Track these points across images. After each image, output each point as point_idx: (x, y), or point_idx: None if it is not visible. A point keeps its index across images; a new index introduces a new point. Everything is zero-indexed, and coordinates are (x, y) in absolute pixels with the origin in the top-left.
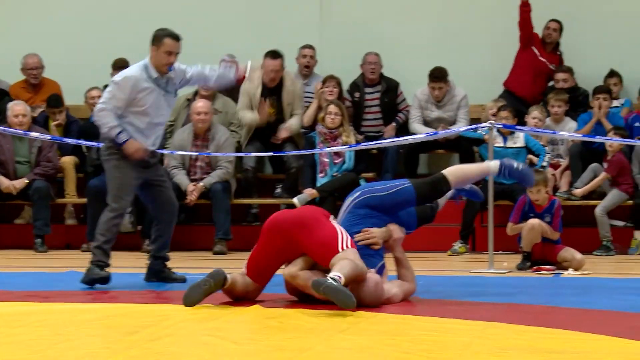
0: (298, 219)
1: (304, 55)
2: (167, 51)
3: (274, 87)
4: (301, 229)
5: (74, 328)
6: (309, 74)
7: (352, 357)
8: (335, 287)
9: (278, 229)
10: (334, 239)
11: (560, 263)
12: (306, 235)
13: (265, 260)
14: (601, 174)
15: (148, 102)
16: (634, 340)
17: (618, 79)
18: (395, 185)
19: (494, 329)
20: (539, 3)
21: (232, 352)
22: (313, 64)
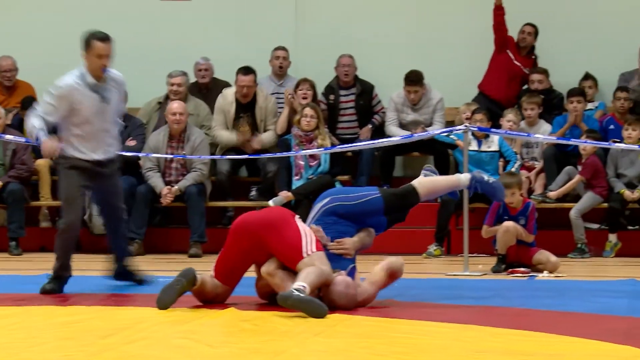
0: (265, 220)
1: (277, 56)
2: (98, 55)
3: (247, 103)
4: (268, 231)
5: (49, 331)
6: (283, 74)
7: (327, 359)
8: (303, 299)
9: (245, 230)
10: (299, 242)
11: (535, 266)
12: (273, 237)
13: (232, 262)
14: (575, 176)
15: (87, 111)
16: (608, 342)
17: (593, 82)
18: (364, 195)
19: (469, 331)
20: (513, 7)
21: (206, 355)
22: (287, 65)
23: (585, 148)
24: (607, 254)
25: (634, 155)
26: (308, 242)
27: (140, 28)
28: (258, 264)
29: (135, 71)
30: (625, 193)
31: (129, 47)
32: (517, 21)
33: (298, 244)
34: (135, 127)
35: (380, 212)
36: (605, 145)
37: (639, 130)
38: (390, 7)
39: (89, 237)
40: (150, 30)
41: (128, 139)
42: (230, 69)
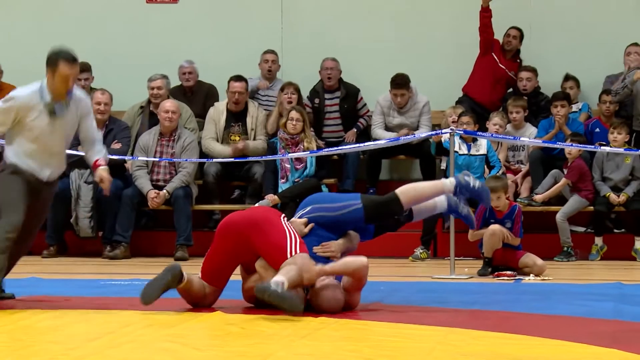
0: (250, 220)
1: (266, 60)
2: (63, 76)
3: (238, 112)
4: (253, 230)
5: (34, 334)
6: (272, 78)
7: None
8: (280, 294)
9: (230, 229)
10: (284, 242)
11: (521, 269)
12: (258, 237)
13: (218, 262)
14: (561, 180)
15: (38, 129)
16: (594, 345)
17: (574, 83)
18: (346, 205)
19: (455, 334)
20: (499, 10)
21: (193, 358)
22: (276, 68)
23: (571, 152)
24: (593, 257)
25: (620, 159)
26: (293, 243)
27: (126, 32)
28: (244, 265)
29: (120, 75)
30: (611, 197)
31: (115, 51)
32: (503, 23)
33: (283, 245)
34: (121, 129)
35: (360, 221)
36: (591, 148)
37: (624, 133)
38: (375, 11)
39: (75, 240)
40: (136, 35)
41: (113, 142)
42: (216, 73)
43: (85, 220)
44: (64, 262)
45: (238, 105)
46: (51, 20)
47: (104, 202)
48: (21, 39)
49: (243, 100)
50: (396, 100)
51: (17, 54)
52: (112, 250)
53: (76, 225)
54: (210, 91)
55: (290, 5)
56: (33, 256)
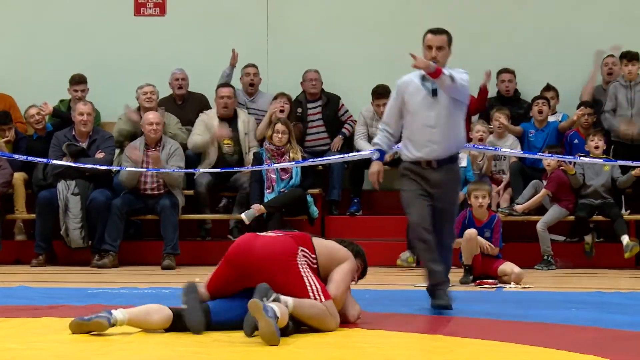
0: (265, 268)
1: (247, 73)
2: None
3: (229, 119)
4: (268, 277)
5: (23, 342)
6: (254, 91)
7: None
8: (267, 320)
9: (243, 268)
10: (305, 293)
11: (500, 277)
12: (275, 285)
13: (225, 285)
14: (542, 190)
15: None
16: (575, 352)
17: (554, 93)
18: None
19: (437, 342)
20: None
21: None
22: (257, 81)
23: (550, 163)
24: (589, 255)
25: (599, 167)
26: (314, 290)
27: (115, 45)
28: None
29: (110, 87)
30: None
31: (104, 63)
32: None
33: (304, 294)
34: (104, 139)
35: None
36: (571, 159)
37: (603, 140)
38: (358, 24)
39: (65, 250)
40: (124, 47)
41: (97, 152)
42: (203, 84)
43: (75, 231)
44: (52, 271)
45: (227, 109)
46: (42, 33)
47: (94, 212)
48: (12, 50)
49: (232, 105)
50: (379, 111)
51: (7, 64)
52: (100, 259)
53: (66, 236)
54: (201, 101)
55: (276, 18)
56: (22, 265)
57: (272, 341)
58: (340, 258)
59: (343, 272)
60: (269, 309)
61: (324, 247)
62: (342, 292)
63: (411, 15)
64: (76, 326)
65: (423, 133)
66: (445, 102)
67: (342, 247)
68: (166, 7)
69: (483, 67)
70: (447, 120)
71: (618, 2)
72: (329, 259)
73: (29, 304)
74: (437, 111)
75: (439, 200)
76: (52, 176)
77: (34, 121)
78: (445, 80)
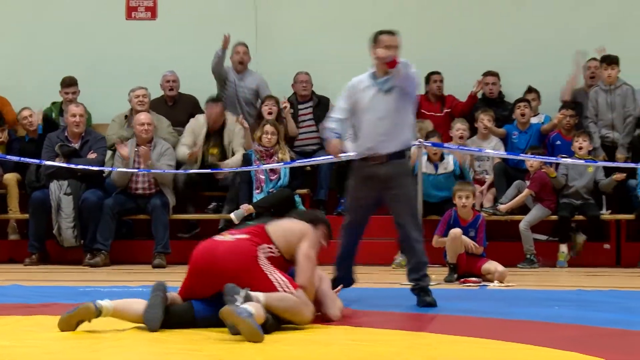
0: (230, 276)
1: (237, 52)
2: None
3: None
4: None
5: (17, 340)
6: (244, 69)
7: None
8: (246, 320)
9: (209, 279)
10: (274, 290)
11: (484, 275)
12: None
13: (197, 292)
14: (524, 190)
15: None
16: (556, 349)
17: (536, 95)
18: None
19: (422, 339)
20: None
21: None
22: (247, 60)
23: (532, 164)
24: (562, 264)
25: (583, 167)
26: (283, 286)
27: (107, 48)
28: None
29: (102, 89)
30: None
31: (96, 66)
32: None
33: (274, 292)
34: (96, 140)
35: None
36: (553, 160)
37: (588, 141)
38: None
39: (57, 249)
40: (116, 51)
41: (89, 152)
42: (194, 85)
43: (68, 230)
44: (45, 270)
45: (217, 124)
46: (35, 36)
47: (86, 212)
48: (4, 53)
49: (220, 120)
50: None
51: (0, 67)
52: (92, 258)
53: (59, 235)
54: (192, 103)
55: (265, 21)
56: (15, 264)
57: (256, 338)
58: (298, 236)
59: (303, 255)
60: (241, 311)
61: (280, 232)
62: (308, 277)
63: (399, 19)
64: (64, 321)
65: (373, 126)
66: (394, 97)
67: (297, 223)
68: (157, 11)
69: (470, 69)
70: (396, 114)
71: (600, 8)
72: (287, 242)
73: (22, 302)
74: (387, 105)
75: (391, 194)
76: (45, 176)
77: (26, 123)
78: (401, 69)
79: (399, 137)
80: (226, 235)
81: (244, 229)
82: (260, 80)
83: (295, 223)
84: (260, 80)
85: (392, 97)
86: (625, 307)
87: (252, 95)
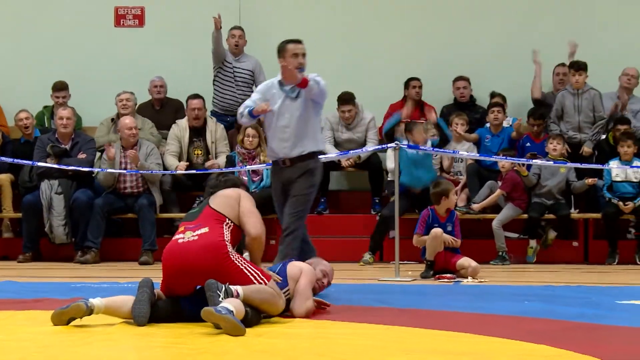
0: (205, 272)
1: (233, 35)
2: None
3: (199, 129)
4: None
5: (9, 333)
6: (239, 52)
7: (270, 359)
8: (227, 318)
9: (184, 279)
10: (249, 282)
11: (458, 270)
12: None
13: (176, 289)
14: (497, 190)
15: None
16: (528, 342)
17: (500, 98)
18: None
19: (400, 332)
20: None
21: (159, 355)
22: (242, 43)
23: (504, 165)
24: (530, 259)
25: (556, 168)
26: (257, 277)
27: (96, 54)
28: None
29: (91, 93)
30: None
31: (86, 71)
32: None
33: (249, 283)
34: (86, 142)
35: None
36: (523, 161)
37: (562, 144)
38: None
39: (50, 246)
40: (105, 56)
41: (79, 153)
42: (179, 90)
43: (59, 228)
44: (37, 267)
45: (198, 120)
46: (27, 43)
47: (77, 211)
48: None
49: (202, 115)
50: (344, 116)
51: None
52: (83, 255)
53: (51, 233)
54: (178, 107)
55: (248, 27)
56: (9, 261)
57: (238, 332)
58: (235, 198)
59: (248, 211)
60: (221, 309)
61: (224, 203)
62: (257, 223)
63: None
64: (57, 316)
65: (280, 132)
66: (301, 104)
67: (229, 191)
68: (145, 19)
69: (444, 74)
70: (301, 120)
71: (562, 18)
72: (231, 208)
73: (15, 298)
74: (292, 112)
75: (291, 193)
76: (36, 175)
77: (22, 125)
78: (313, 88)
79: (303, 143)
80: (187, 234)
81: (197, 220)
82: (256, 63)
83: (226, 191)
84: (256, 63)
85: (299, 104)
86: (591, 302)
87: (249, 77)
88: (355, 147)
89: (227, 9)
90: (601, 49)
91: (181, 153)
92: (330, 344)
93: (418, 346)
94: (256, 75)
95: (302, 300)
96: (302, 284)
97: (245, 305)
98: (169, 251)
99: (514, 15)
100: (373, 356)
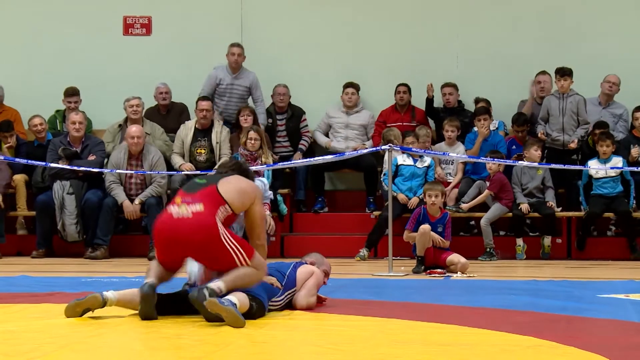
0: (194, 247)
1: (232, 53)
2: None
3: (204, 130)
4: (199, 255)
5: (24, 325)
6: (238, 69)
7: (270, 350)
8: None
9: (172, 251)
10: (232, 261)
11: (448, 266)
12: (205, 263)
13: (169, 260)
14: (485, 191)
15: None
16: (514, 333)
17: (485, 103)
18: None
19: (392, 324)
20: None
21: (162, 345)
22: (241, 60)
23: (491, 167)
24: (520, 257)
25: (533, 171)
26: (240, 256)
27: (106, 61)
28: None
29: (101, 98)
30: (523, 207)
31: (96, 77)
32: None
33: (232, 264)
34: (95, 144)
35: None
36: (510, 162)
37: (540, 150)
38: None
39: (62, 243)
40: (114, 63)
41: (89, 155)
42: (184, 96)
43: (72, 226)
44: (50, 262)
45: (206, 121)
46: (40, 50)
47: (88, 211)
48: (16, 67)
49: (210, 117)
50: (346, 98)
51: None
52: (93, 251)
53: (63, 231)
54: (183, 109)
55: (249, 39)
56: (23, 257)
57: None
58: (251, 198)
59: (260, 216)
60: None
61: (234, 194)
62: (261, 234)
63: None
64: (71, 308)
65: None
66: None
67: (244, 182)
68: (152, 28)
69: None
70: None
71: (545, 26)
72: (242, 203)
73: (29, 292)
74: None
75: None
76: (49, 176)
77: (36, 130)
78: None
79: None
80: (182, 207)
81: (197, 194)
82: (253, 78)
83: (242, 182)
84: (253, 79)
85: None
86: (574, 296)
87: (245, 92)
88: (351, 131)
89: (228, 20)
90: (583, 57)
91: (184, 151)
92: (327, 335)
93: (408, 337)
94: (252, 91)
95: (307, 294)
96: (311, 282)
97: (251, 300)
98: (162, 223)
99: (499, 23)
100: (366, 346)
